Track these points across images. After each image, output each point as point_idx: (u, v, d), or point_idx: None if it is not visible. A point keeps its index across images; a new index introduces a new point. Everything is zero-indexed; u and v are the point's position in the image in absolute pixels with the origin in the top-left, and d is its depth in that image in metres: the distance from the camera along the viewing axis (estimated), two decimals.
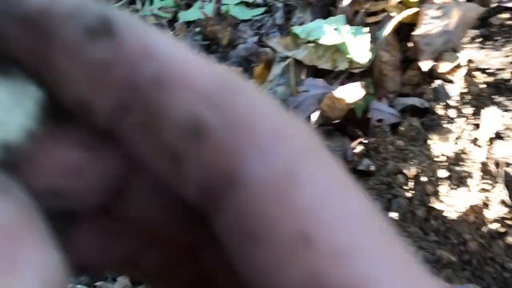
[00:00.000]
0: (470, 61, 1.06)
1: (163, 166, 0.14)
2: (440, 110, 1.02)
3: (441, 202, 0.92)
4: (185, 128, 0.13)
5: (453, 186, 0.93)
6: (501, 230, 0.89)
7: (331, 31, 1.14)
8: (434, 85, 1.07)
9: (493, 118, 0.98)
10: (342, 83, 1.11)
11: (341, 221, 0.13)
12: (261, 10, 1.44)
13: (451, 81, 1.05)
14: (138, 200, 0.16)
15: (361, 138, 1.04)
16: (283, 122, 0.14)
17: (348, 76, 1.15)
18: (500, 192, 0.92)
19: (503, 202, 0.91)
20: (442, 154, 0.97)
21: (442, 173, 0.94)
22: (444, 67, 1.06)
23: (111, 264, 0.17)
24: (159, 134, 0.13)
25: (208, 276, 0.17)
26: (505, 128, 0.97)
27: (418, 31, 1.10)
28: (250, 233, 0.13)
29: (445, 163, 0.96)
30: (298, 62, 1.19)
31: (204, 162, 0.13)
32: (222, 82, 0.13)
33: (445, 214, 0.91)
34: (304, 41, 1.18)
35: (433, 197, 0.93)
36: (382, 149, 0.99)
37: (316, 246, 0.12)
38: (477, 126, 0.99)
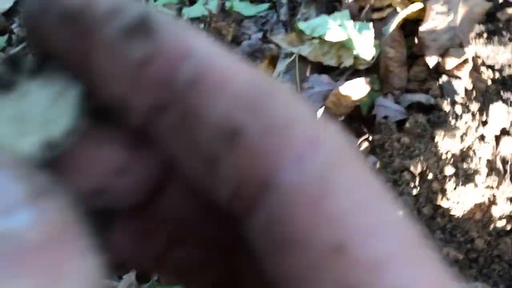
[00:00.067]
0: (476, 57, 1.05)
1: (197, 167, 0.14)
2: (446, 106, 1.01)
3: (448, 199, 0.92)
4: (221, 130, 0.13)
5: (460, 183, 0.92)
6: (508, 227, 0.89)
7: (336, 27, 1.14)
8: (440, 81, 1.06)
9: (500, 114, 0.97)
10: (347, 80, 1.10)
11: (375, 231, 0.13)
12: (266, 6, 1.43)
13: (458, 77, 1.05)
14: (172, 200, 0.16)
15: (367, 135, 1.03)
16: (319, 128, 0.13)
17: (353, 72, 1.14)
18: (507, 189, 0.91)
19: (510, 199, 0.91)
20: (449, 151, 0.96)
21: (449, 170, 0.94)
22: (450, 63, 1.06)
23: (142, 263, 0.17)
24: (194, 135, 0.13)
25: (235, 278, 0.17)
26: None
27: (424, 27, 1.09)
28: (282, 239, 0.13)
29: (452, 160, 0.95)
30: (303, 59, 1.18)
31: (239, 166, 0.13)
32: (259, 86, 0.13)
33: (452, 211, 0.91)
34: (309, 37, 1.18)
35: (439, 194, 0.92)
36: (387, 146, 0.99)
37: (351, 255, 0.12)
38: (484, 123, 0.98)
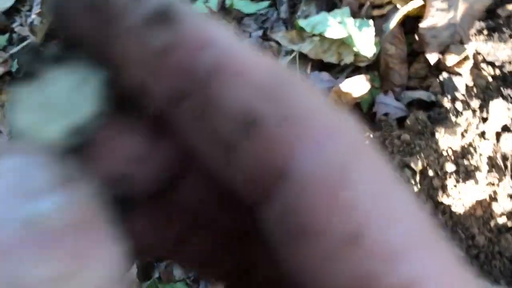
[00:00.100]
0: (477, 54, 1.05)
1: (215, 156, 0.14)
2: (447, 103, 1.01)
3: (448, 196, 0.92)
4: (241, 119, 0.13)
5: (461, 180, 0.92)
6: (509, 224, 0.89)
7: (336, 24, 1.14)
8: (441, 78, 1.06)
9: (501, 111, 0.97)
10: (347, 77, 1.10)
11: (392, 221, 0.13)
12: (266, 3, 1.43)
13: (458, 74, 1.05)
14: (190, 189, 0.16)
15: (367, 132, 1.03)
16: (337, 119, 0.14)
17: (354, 69, 1.14)
18: (507, 186, 0.91)
19: (511, 196, 0.91)
20: (449, 148, 0.96)
21: (449, 167, 0.94)
22: (451, 59, 1.05)
23: (159, 250, 0.18)
24: (213, 123, 0.14)
25: (249, 265, 0.17)
26: None
27: (424, 24, 1.09)
28: (297, 229, 0.13)
29: (452, 157, 0.95)
30: (303, 56, 1.18)
31: (257, 154, 0.13)
32: (278, 76, 0.14)
33: (453, 208, 0.91)
34: (309, 35, 1.18)
35: (440, 191, 0.92)
36: (388, 143, 0.99)
37: (367, 245, 0.12)
38: (485, 119, 0.98)
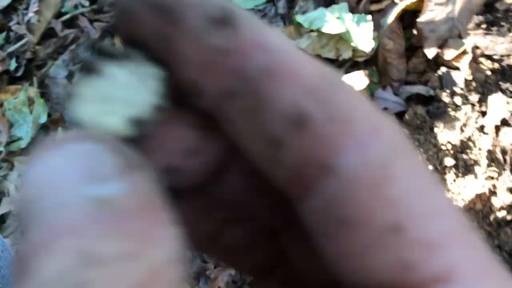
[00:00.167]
0: (475, 48, 1.05)
1: (261, 150, 0.15)
2: (445, 97, 1.01)
3: (448, 190, 0.92)
4: (289, 117, 0.14)
5: (460, 174, 0.93)
6: (509, 218, 0.89)
7: (334, 20, 1.13)
8: (439, 72, 1.06)
9: (500, 105, 0.97)
10: (346, 72, 1.10)
11: (431, 214, 0.14)
12: None
13: (457, 68, 1.04)
14: (230, 181, 0.17)
15: None
16: (379, 119, 0.15)
17: (352, 65, 1.14)
18: (507, 180, 0.91)
19: (510, 189, 0.91)
20: (448, 142, 0.96)
21: (448, 161, 0.94)
22: (449, 54, 1.05)
23: (194, 242, 0.18)
24: (262, 120, 0.14)
25: (280, 259, 0.19)
26: None
27: (422, 18, 1.08)
28: (342, 218, 0.14)
29: (451, 151, 0.95)
30: None
31: (303, 150, 0.14)
32: (325, 78, 0.15)
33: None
34: (307, 30, 1.18)
35: None
36: None
37: (407, 235, 0.13)
38: (483, 113, 0.98)
